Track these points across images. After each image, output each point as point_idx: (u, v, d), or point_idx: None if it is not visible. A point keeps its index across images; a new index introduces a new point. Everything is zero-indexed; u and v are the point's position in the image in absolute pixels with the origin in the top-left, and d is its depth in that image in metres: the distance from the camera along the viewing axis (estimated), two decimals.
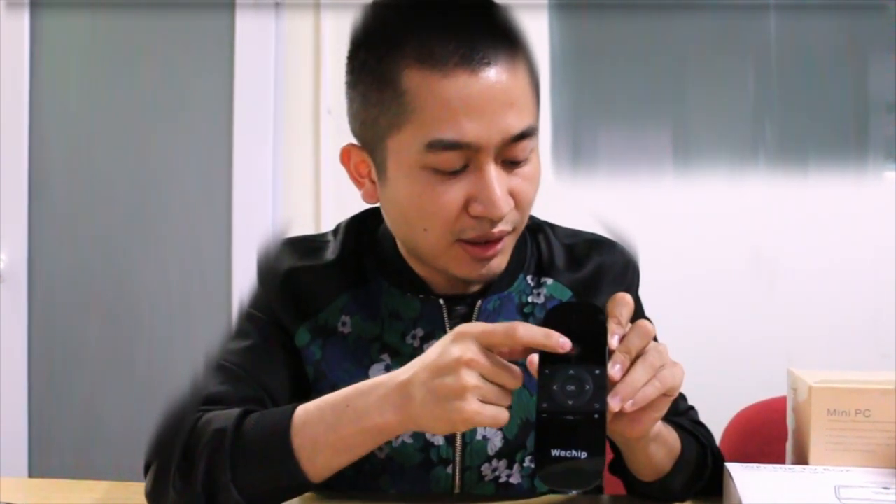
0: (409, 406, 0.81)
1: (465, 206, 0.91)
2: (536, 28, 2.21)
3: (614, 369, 0.78)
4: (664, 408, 0.83)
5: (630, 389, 0.78)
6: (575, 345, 0.79)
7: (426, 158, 0.89)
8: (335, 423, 0.85)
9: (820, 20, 2.18)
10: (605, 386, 0.78)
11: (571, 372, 0.78)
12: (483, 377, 0.79)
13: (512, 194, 0.92)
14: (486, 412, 0.79)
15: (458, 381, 0.78)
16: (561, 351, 0.79)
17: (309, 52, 2.37)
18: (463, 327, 0.82)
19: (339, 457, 0.86)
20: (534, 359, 0.79)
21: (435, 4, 0.91)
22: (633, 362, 0.80)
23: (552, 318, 0.81)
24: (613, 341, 0.80)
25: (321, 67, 2.35)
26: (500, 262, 0.96)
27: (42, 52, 2.49)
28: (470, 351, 0.79)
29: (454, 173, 0.90)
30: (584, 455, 0.76)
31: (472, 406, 0.78)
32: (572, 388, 0.78)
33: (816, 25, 2.19)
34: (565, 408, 0.77)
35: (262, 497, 0.87)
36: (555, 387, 0.78)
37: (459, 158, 0.89)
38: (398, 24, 0.91)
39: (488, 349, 0.80)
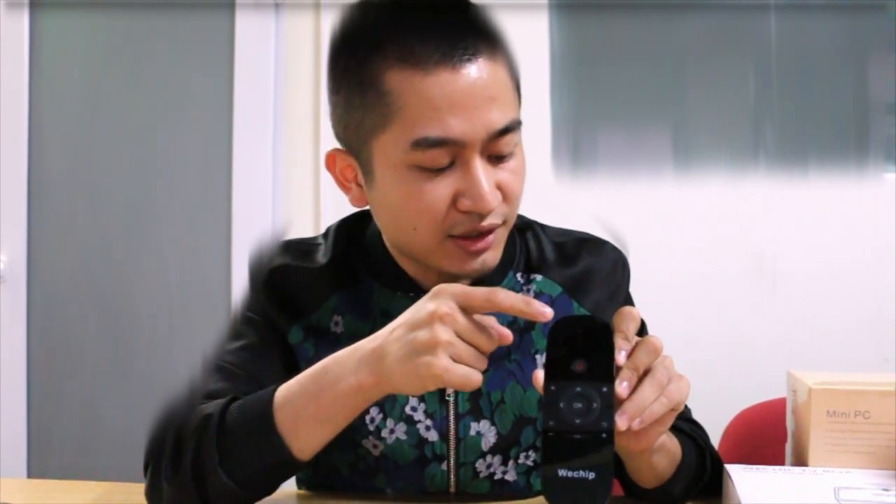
0: (383, 363, 0.82)
1: (454, 202, 0.91)
2: (536, 28, 2.21)
3: (622, 387, 0.77)
4: (670, 422, 0.82)
5: (638, 408, 0.77)
6: (581, 360, 0.78)
7: (412, 157, 0.90)
8: (315, 391, 0.85)
9: (820, 20, 2.18)
10: (612, 404, 0.76)
11: (578, 389, 0.77)
12: (458, 335, 0.79)
13: (499, 188, 0.92)
14: (456, 370, 0.79)
15: (430, 334, 0.78)
16: (542, 319, 0.79)
17: (309, 52, 2.37)
18: (442, 285, 0.82)
19: (322, 427, 0.86)
20: (539, 375, 0.78)
21: (412, 5, 0.92)
22: (640, 379, 0.79)
23: (557, 331, 0.80)
24: (620, 357, 0.79)
25: (321, 67, 2.35)
26: (493, 256, 0.96)
27: (42, 52, 2.49)
28: (445, 306, 0.79)
29: (441, 170, 0.90)
30: (591, 475, 0.75)
31: (442, 362, 0.78)
32: (579, 405, 0.76)
33: (816, 25, 2.19)
34: (573, 426, 0.76)
35: (251, 479, 0.87)
36: (561, 404, 0.76)
37: (446, 155, 0.90)
38: (377, 26, 0.92)
39: (465, 310, 0.80)
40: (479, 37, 0.90)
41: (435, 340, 0.78)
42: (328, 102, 0.97)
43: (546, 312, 0.79)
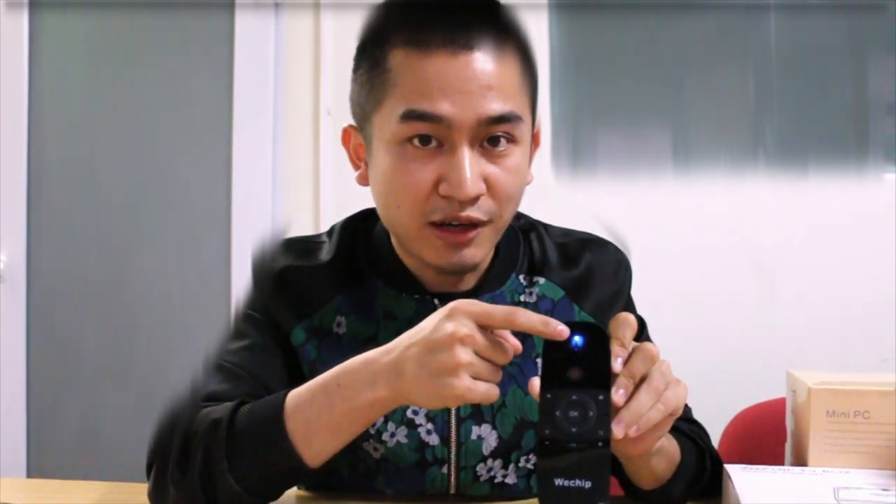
0: (400, 381, 0.82)
1: (436, 185, 0.92)
2: (536, 28, 2.21)
3: (618, 394, 0.77)
4: (668, 427, 0.82)
5: (634, 416, 0.77)
6: (577, 368, 0.77)
7: (401, 130, 0.91)
8: (328, 403, 0.85)
9: (820, 20, 2.18)
10: (608, 412, 0.76)
11: (574, 397, 0.76)
12: (477, 354, 0.79)
13: (488, 181, 0.93)
14: (478, 389, 0.79)
15: (451, 357, 0.78)
16: (560, 339, 0.78)
17: (309, 52, 2.37)
18: (458, 303, 0.81)
19: (335, 438, 0.86)
20: (535, 382, 0.78)
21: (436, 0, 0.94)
22: (637, 385, 0.79)
23: (553, 339, 0.80)
24: (617, 364, 0.79)
25: (321, 67, 2.35)
26: (473, 253, 0.96)
27: (41, 52, 2.49)
28: (465, 327, 0.79)
29: (429, 152, 0.92)
30: (588, 485, 0.74)
31: (465, 383, 0.79)
32: (575, 414, 0.76)
33: (816, 25, 2.19)
34: (569, 435, 0.75)
35: (260, 485, 0.87)
36: (557, 413, 0.76)
37: (432, 132, 0.91)
38: (396, 14, 0.95)
39: (483, 327, 0.80)
40: (488, 29, 0.92)
41: (457, 363, 0.78)
42: (350, 83, 1.00)
43: (563, 332, 0.79)
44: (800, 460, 0.95)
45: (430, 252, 0.96)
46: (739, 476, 0.88)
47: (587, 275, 1.07)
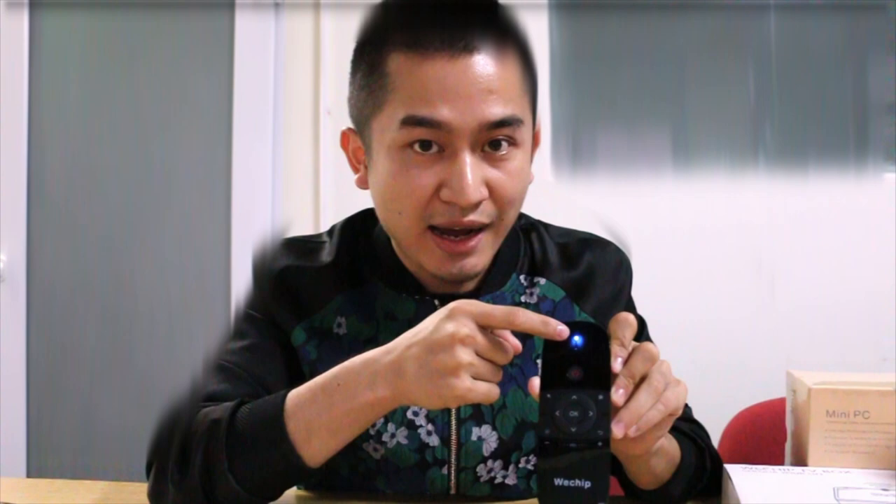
0: (401, 381, 0.81)
1: (437, 190, 0.92)
2: (536, 28, 2.21)
3: (618, 394, 0.77)
4: (668, 427, 0.82)
5: (634, 416, 0.77)
6: (577, 368, 0.77)
7: (402, 136, 0.91)
8: (328, 403, 0.85)
9: (820, 20, 2.18)
10: (608, 412, 0.76)
11: (574, 397, 0.76)
12: (477, 354, 0.79)
13: (489, 185, 0.92)
14: (478, 389, 0.79)
15: (452, 357, 0.78)
16: (559, 339, 0.78)
17: (308, 52, 2.37)
18: (459, 303, 0.81)
19: (335, 437, 0.86)
20: (535, 382, 0.78)
21: (432, 2, 0.94)
22: (636, 385, 0.79)
23: (553, 339, 0.80)
24: (616, 364, 0.79)
25: (321, 68, 2.35)
26: (474, 263, 0.96)
27: (41, 52, 2.49)
28: (466, 328, 0.79)
29: (430, 157, 0.91)
30: (587, 484, 0.75)
31: (465, 383, 0.79)
32: (575, 413, 0.76)
33: (816, 25, 2.19)
34: (569, 435, 0.75)
35: (260, 485, 0.87)
36: (557, 412, 0.76)
37: (433, 138, 0.90)
38: (394, 16, 0.94)
39: (483, 327, 0.80)
40: (488, 31, 0.91)
41: (457, 364, 0.78)
42: (348, 85, 0.99)
43: (562, 332, 0.79)
44: (800, 460, 0.95)
45: (430, 261, 0.96)
46: (739, 476, 0.88)
47: (588, 275, 1.07)
